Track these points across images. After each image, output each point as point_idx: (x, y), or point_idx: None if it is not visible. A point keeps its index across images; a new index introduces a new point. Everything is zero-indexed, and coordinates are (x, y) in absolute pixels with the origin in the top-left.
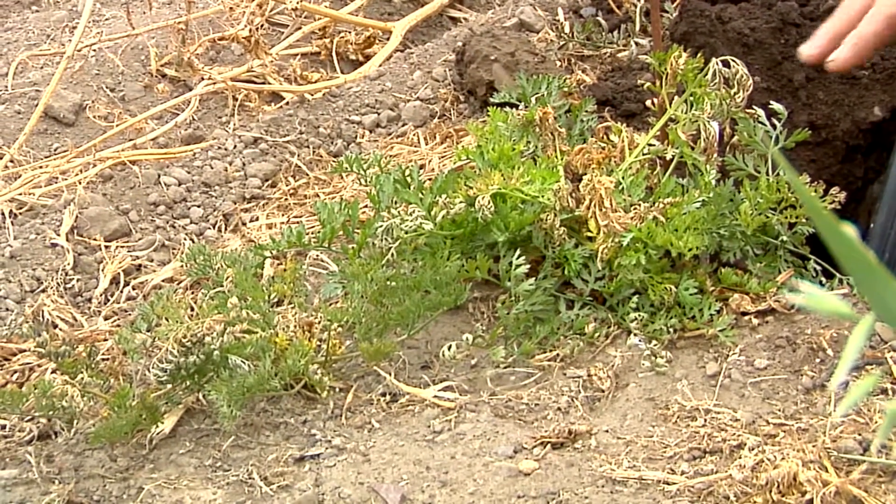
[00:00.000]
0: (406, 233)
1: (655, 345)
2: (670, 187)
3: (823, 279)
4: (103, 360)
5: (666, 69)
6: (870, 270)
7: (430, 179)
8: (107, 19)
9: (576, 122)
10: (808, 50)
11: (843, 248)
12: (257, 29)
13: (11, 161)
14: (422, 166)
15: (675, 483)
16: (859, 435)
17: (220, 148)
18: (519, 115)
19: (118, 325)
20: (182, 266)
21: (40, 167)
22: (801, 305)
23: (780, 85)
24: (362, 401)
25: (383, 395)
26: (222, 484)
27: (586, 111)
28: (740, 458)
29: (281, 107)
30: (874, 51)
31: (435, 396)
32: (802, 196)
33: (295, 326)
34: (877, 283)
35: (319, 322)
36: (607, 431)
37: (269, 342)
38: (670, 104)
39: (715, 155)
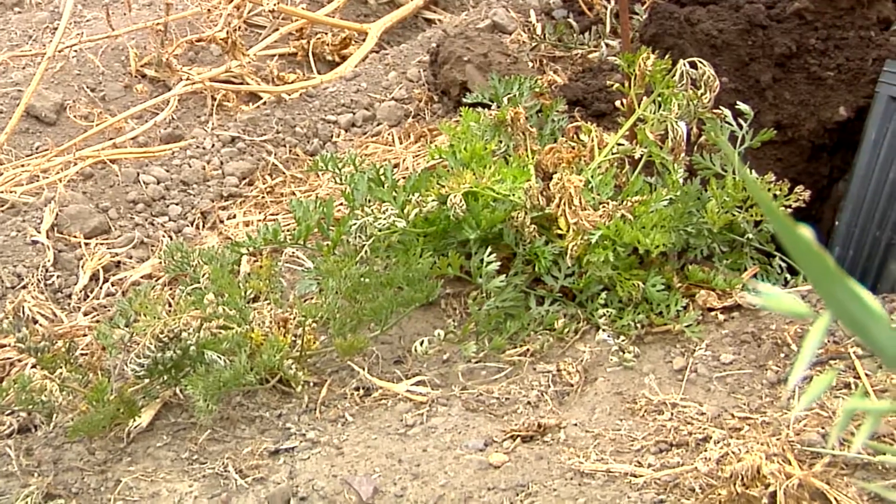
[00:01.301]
0: (379, 230)
1: (623, 340)
2: (638, 186)
3: (788, 276)
4: (82, 354)
5: (635, 70)
6: (826, 272)
7: (404, 178)
8: (87, 21)
9: (547, 121)
10: None
11: (800, 250)
12: (235, 30)
13: None
14: (396, 165)
15: (641, 475)
16: (822, 428)
17: (198, 147)
18: (491, 115)
19: (97, 321)
20: (160, 263)
21: (22, 165)
22: (760, 305)
23: (747, 85)
24: (336, 395)
25: (357, 389)
26: (198, 476)
27: (557, 111)
28: (706, 451)
29: (258, 106)
30: None
31: (407, 391)
32: (759, 199)
33: (270, 322)
34: (832, 284)
35: (294, 318)
36: (576, 425)
37: (244, 338)
38: (639, 104)
39: (683, 154)
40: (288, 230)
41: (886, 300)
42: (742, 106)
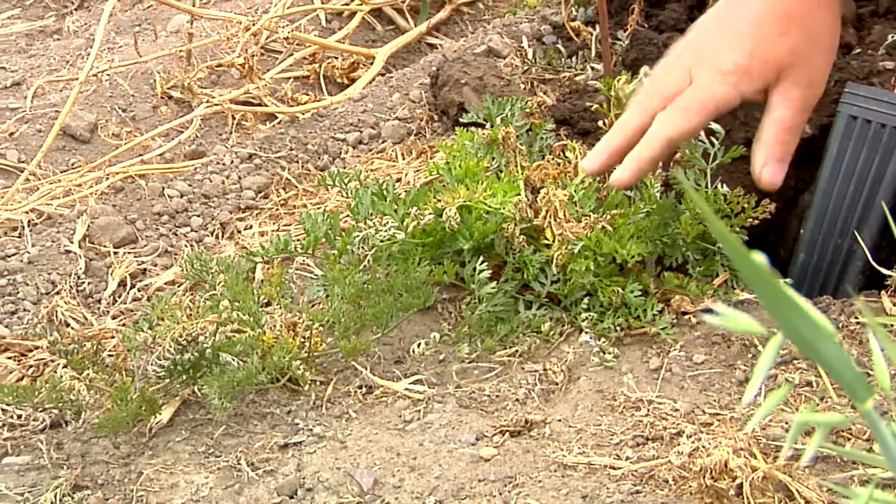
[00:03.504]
0: (381, 241)
1: (604, 342)
2: (618, 200)
3: None
4: (109, 356)
5: (614, 94)
6: (776, 295)
7: (406, 192)
8: (120, 47)
9: (536, 140)
10: (588, 164)
11: (752, 274)
12: (252, 56)
13: (32, 174)
14: (399, 179)
15: (620, 468)
16: (786, 423)
17: (218, 163)
18: (484, 134)
19: (124, 325)
20: (182, 270)
21: (58, 180)
22: (718, 325)
23: None
24: (341, 393)
25: (360, 387)
26: (214, 469)
27: (545, 130)
28: (679, 444)
29: (274, 126)
30: (654, 168)
31: (406, 389)
32: (712, 226)
33: (281, 326)
34: (784, 307)
35: (303, 322)
36: (560, 421)
37: (257, 340)
38: None
39: (659, 170)
40: (298, 240)
41: (846, 304)
42: (714, 125)
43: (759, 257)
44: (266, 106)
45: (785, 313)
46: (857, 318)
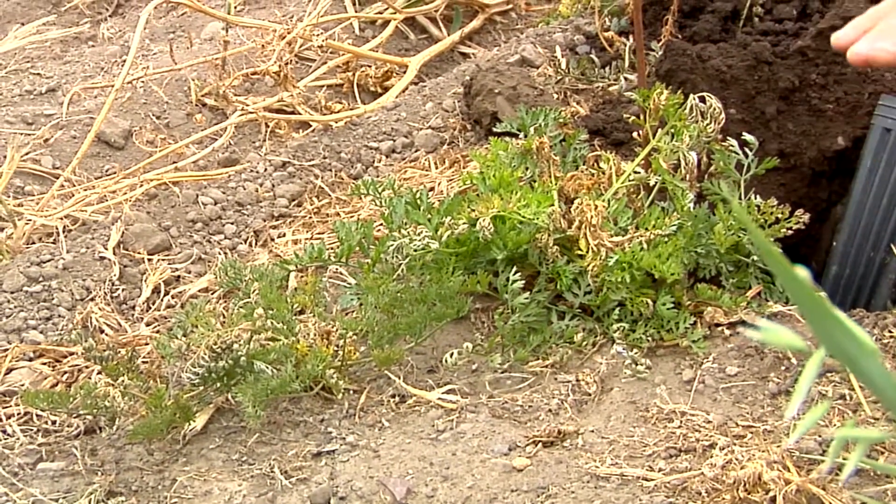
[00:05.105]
0: (415, 250)
1: (637, 353)
2: (656, 215)
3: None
4: (143, 363)
5: (649, 105)
6: (819, 310)
7: (439, 201)
8: (154, 54)
9: (569, 150)
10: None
11: (794, 289)
12: (286, 64)
13: (67, 181)
14: (431, 188)
15: (653, 479)
16: (819, 436)
17: (252, 171)
18: (518, 144)
19: (158, 331)
20: (216, 277)
21: (92, 187)
22: (760, 341)
23: (753, 117)
24: (374, 402)
25: (393, 396)
26: (247, 476)
27: (579, 140)
28: (712, 457)
29: (307, 134)
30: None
31: (439, 398)
32: (755, 239)
33: (314, 334)
34: (827, 323)
35: (336, 330)
36: (593, 431)
37: (291, 348)
38: (653, 136)
39: (694, 181)
40: (332, 249)
41: (879, 317)
42: (748, 137)
43: (802, 272)
44: (300, 114)
45: (828, 329)
46: (890, 331)
